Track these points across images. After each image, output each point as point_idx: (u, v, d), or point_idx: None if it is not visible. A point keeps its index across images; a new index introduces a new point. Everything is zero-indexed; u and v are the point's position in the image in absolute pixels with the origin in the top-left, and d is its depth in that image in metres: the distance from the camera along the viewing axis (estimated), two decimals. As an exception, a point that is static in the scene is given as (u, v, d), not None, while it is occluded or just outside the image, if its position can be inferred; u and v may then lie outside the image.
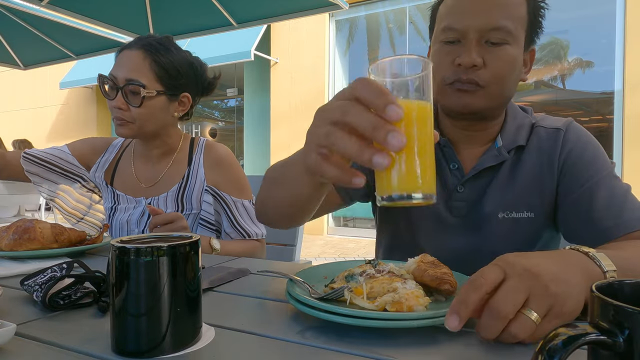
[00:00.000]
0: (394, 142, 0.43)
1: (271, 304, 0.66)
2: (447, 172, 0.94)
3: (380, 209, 1.05)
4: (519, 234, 0.91)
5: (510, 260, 0.51)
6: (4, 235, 0.97)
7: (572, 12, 5.46)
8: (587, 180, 0.85)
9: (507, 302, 0.47)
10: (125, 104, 1.19)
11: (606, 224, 0.80)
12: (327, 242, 5.98)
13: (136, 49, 1.21)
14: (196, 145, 1.34)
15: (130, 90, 1.18)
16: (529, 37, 0.87)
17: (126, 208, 1.31)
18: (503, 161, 0.91)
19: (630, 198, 0.82)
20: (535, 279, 0.48)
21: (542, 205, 0.90)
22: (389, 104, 0.44)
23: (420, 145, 0.46)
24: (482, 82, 0.83)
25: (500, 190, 0.91)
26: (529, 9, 0.85)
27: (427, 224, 0.96)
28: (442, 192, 0.95)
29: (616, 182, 0.85)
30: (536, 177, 0.90)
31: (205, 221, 1.29)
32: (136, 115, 1.20)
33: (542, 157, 0.90)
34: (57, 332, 0.54)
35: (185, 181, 1.28)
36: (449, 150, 0.93)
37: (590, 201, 0.83)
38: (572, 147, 0.89)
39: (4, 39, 4.42)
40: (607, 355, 0.32)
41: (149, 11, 3.68)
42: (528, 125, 0.94)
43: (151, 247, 0.47)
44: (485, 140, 0.94)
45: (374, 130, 0.44)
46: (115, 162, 1.38)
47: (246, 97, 7.63)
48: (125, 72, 1.18)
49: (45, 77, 8.93)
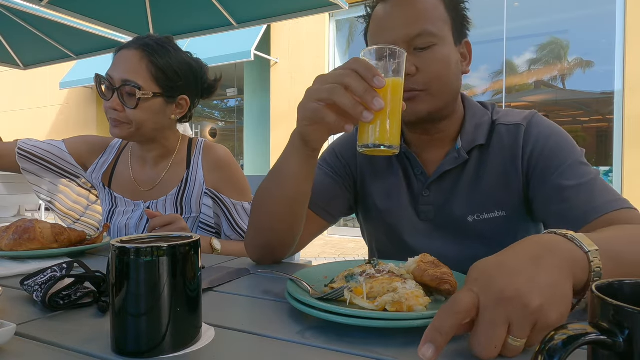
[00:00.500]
0: (377, 104, 0.62)
1: (271, 304, 0.66)
2: (413, 177, 0.97)
3: (364, 217, 1.08)
4: (496, 234, 0.91)
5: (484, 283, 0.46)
6: (4, 235, 0.97)
7: (572, 12, 5.47)
8: (553, 172, 0.84)
9: (488, 346, 0.44)
10: (120, 105, 1.17)
11: (577, 212, 0.79)
12: (327, 242, 5.98)
13: (134, 49, 1.19)
14: (194, 146, 1.32)
15: (126, 91, 1.16)
16: (457, 32, 0.89)
17: (125, 211, 1.30)
18: (465, 163, 0.92)
19: (599, 183, 0.81)
20: (512, 303, 0.44)
21: (512, 203, 0.90)
22: (376, 76, 0.62)
23: (392, 109, 0.65)
24: (420, 87, 0.85)
25: (468, 192, 0.92)
26: (447, 7, 0.87)
27: (403, 228, 0.98)
28: (410, 197, 0.97)
29: (583, 168, 0.83)
30: (501, 176, 0.90)
31: (204, 224, 1.28)
32: (131, 116, 1.18)
33: (505, 155, 0.90)
34: (57, 332, 0.54)
35: (184, 184, 1.27)
36: (412, 157, 0.96)
37: (560, 193, 0.82)
38: (534, 143, 0.88)
39: (4, 39, 4.42)
40: (607, 355, 0.32)
41: (149, 11, 3.68)
42: (487, 123, 0.93)
43: (151, 247, 0.47)
44: (445, 143, 0.95)
45: (364, 93, 0.62)
46: (114, 164, 1.36)
47: (246, 97, 7.63)
48: (122, 73, 1.17)
49: (45, 77, 8.93)
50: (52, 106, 9.35)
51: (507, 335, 0.45)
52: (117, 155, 1.38)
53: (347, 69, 0.64)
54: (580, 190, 0.80)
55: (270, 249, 0.90)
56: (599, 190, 0.80)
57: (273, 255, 0.92)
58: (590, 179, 0.81)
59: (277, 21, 4.03)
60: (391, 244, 1.01)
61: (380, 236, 1.05)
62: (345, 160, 1.04)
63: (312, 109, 0.67)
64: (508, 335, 0.44)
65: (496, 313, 0.44)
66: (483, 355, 0.45)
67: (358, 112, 0.62)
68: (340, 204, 1.02)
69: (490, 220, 0.91)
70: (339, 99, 0.63)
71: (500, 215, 0.91)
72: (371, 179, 1.02)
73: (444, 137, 0.95)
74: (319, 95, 0.66)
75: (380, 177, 1.01)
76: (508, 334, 0.44)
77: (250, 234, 0.92)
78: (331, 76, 0.65)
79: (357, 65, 0.63)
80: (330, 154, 1.06)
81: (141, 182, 1.31)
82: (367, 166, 1.03)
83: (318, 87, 0.67)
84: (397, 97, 0.65)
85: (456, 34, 0.89)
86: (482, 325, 0.45)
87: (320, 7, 3.56)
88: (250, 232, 0.92)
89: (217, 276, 0.80)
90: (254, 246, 0.92)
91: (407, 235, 0.97)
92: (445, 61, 0.86)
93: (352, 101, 0.62)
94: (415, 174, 0.96)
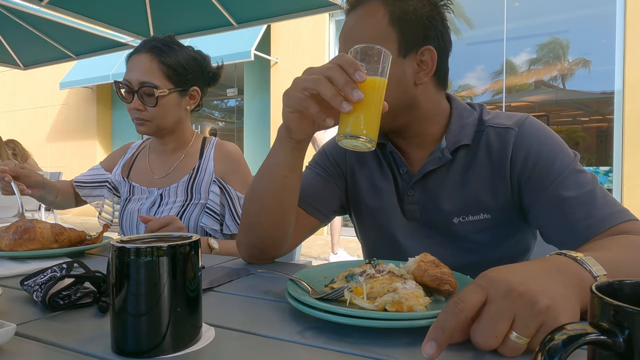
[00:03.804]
0: (355, 95, 0.65)
1: (271, 304, 0.66)
2: (398, 176, 0.97)
3: (355, 216, 1.09)
4: (483, 236, 0.91)
5: (494, 278, 0.47)
6: (4, 235, 0.97)
7: (572, 12, 5.46)
8: (551, 182, 0.82)
9: (489, 335, 0.45)
10: (142, 105, 1.29)
11: (579, 225, 0.78)
12: (327, 242, 5.98)
13: (144, 52, 1.30)
14: (208, 142, 1.44)
15: (145, 92, 1.28)
16: (407, 44, 0.85)
17: (139, 198, 1.40)
18: (451, 163, 0.91)
19: (598, 192, 0.80)
20: (521, 298, 0.44)
21: (498, 207, 0.89)
22: (357, 71, 0.66)
23: (371, 105, 0.68)
24: None
25: (453, 193, 0.91)
26: (391, 21, 0.85)
27: (392, 227, 0.98)
28: (397, 196, 0.98)
29: (582, 177, 0.82)
30: (487, 179, 0.89)
31: (211, 210, 1.34)
32: (153, 114, 1.30)
33: (492, 158, 0.89)
34: (57, 332, 0.54)
35: (195, 173, 1.37)
36: (397, 156, 0.96)
37: (559, 204, 0.80)
38: (528, 150, 0.85)
39: (4, 39, 4.42)
40: (607, 355, 0.32)
41: (149, 11, 3.68)
42: (473, 124, 0.92)
43: (151, 247, 0.47)
44: (430, 143, 0.94)
45: (344, 85, 0.66)
46: (133, 159, 1.51)
47: (246, 97, 7.63)
48: (138, 76, 1.28)
49: (45, 77, 8.92)
50: (52, 106, 9.34)
51: (511, 331, 0.45)
52: (137, 153, 1.53)
53: (333, 63, 0.68)
54: (580, 201, 0.79)
55: (261, 246, 0.91)
56: (599, 201, 0.78)
57: (264, 253, 0.92)
58: (590, 189, 0.80)
59: (277, 21, 4.03)
60: (382, 243, 1.02)
61: (371, 235, 1.05)
62: (335, 159, 1.06)
63: (297, 97, 0.71)
64: (511, 331, 0.45)
65: (504, 305, 0.45)
66: (482, 344, 0.45)
67: (337, 102, 0.66)
68: (331, 203, 1.03)
69: (476, 222, 0.90)
70: (321, 89, 0.67)
71: (485, 218, 0.90)
72: (360, 178, 1.03)
73: (428, 138, 0.94)
74: (305, 84, 0.70)
75: (368, 176, 1.02)
76: (512, 329, 0.45)
77: (241, 231, 0.93)
78: (318, 69, 0.70)
79: (342, 60, 0.67)
80: (321, 155, 1.08)
81: (156, 170, 1.43)
82: (356, 165, 1.04)
83: (305, 77, 0.71)
84: (378, 94, 0.69)
85: (405, 46, 0.85)
86: (487, 315, 0.46)
87: (320, 7, 3.56)
88: (241, 230, 0.93)
89: (217, 276, 0.80)
90: (245, 244, 0.93)
91: (396, 234, 0.98)
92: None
93: (334, 92, 0.66)
94: (400, 173, 0.97)
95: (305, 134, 0.80)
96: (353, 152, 1.04)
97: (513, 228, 0.93)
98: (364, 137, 0.67)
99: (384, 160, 1.00)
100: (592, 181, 0.82)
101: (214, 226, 1.32)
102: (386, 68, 0.70)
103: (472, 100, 5.99)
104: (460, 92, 6.06)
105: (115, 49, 4.42)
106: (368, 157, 1.02)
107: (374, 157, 1.01)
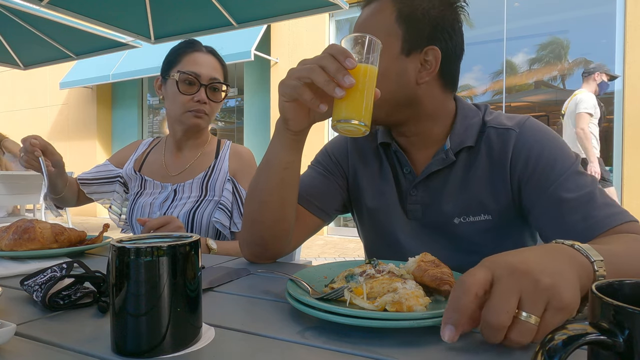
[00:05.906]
0: (347, 81, 0.67)
1: (271, 304, 0.66)
2: (401, 175, 0.98)
3: (357, 215, 1.09)
4: (483, 237, 0.91)
5: (497, 260, 0.49)
6: (4, 235, 0.97)
7: (572, 12, 5.47)
8: (552, 184, 0.82)
9: (500, 311, 0.45)
10: (207, 98, 1.36)
11: (578, 227, 0.78)
12: (327, 242, 5.98)
13: (206, 52, 1.41)
14: (223, 144, 1.51)
15: (213, 87, 1.38)
16: (412, 42, 0.86)
17: (152, 192, 1.42)
18: (453, 164, 0.91)
19: (597, 194, 0.80)
20: (525, 276, 0.46)
21: (498, 208, 0.89)
22: (348, 58, 0.69)
23: (363, 90, 0.70)
24: None
25: (455, 193, 0.92)
26: (398, 19, 0.86)
27: (393, 227, 0.98)
28: (398, 196, 0.98)
29: (582, 179, 0.82)
30: (488, 179, 0.89)
31: (224, 205, 1.37)
32: (214, 108, 1.40)
33: (493, 159, 0.89)
34: (57, 332, 0.54)
35: (211, 171, 1.42)
36: (401, 155, 0.96)
37: (559, 206, 0.81)
38: (529, 151, 0.85)
39: (4, 39, 4.42)
40: (607, 355, 0.32)
41: (149, 11, 3.68)
42: (477, 125, 0.92)
43: (151, 247, 0.47)
44: (435, 143, 0.94)
45: (336, 72, 0.68)
46: (145, 154, 1.54)
47: (246, 97, 7.63)
48: (209, 71, 1.37)
49: (45, 77, 8.92)
50: (52, 106, 9.33)
51: (520, 312, 0.45)
52: (150, 148, 1.56)
53: (325, 53, 0.71)
54: (580, 203, 0.79)
55: (262, 243, 0.91)
56: (599, 203, 0.79)
57: (266, 250, 0.92)
58: (589, 191, 0.80)
59: (277, 21, 4.03)
60: (383, 243, 1.02)
61: (372, 235, 1.05)
62: (337, 158, 1.06)
63: (291, 85, 0.74)
64: (520, 312, 0.45)
65: (509, 282, 0.46)
66: (494, 322, 0.45)
67: (330, 88, 0.68)
68: (333, 202, 1.03)
69: (477, 223, 0.91)
70: (314, 76, 0.70)
71: (486, 219, 0.90)
72: (362, 177, 1.03)
73: (432, 138, 0.94)
74: (299, 73, 0.73)
75: (370, 175, 1.02)
76: (520, 309, 0.45)
77: (243, 229, 0.93)
78: (311, 59, 0.73)
79: (333, 49, 0.71)
80: (323, 154, 1.09)
81: (171, 167, 1.47)
82: (358, 165, 1.04)
83: (299, 67, 0.74)
84: (369, 80, 0.71)
85: (409, 44, 0.86)
86: (496, 293, 0.46)
87: (320, 7, 3.57)
88: (243, 227, 0.93)
89: (216, 276, 0.80)
90: (247, 242, 0.93)
91: (397, 234, 0.98)
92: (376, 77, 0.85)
93: (326, 78, 0.69)
94: (404, 173, 0.97)
95: (302, 125, 0.81)
96: (355, 151, 1.04)
97: (513, 229, 0.93)
98: (357, 120, 0.69)
99: (386, 161, 1.00)
100: (591, 183, 0.82)
101: (225, 222, 1.34)
102: (376, 56, 0.72)
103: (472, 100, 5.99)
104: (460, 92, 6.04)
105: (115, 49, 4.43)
106: (370, 156, 1.02)
107: (376, 157, 1.01)
